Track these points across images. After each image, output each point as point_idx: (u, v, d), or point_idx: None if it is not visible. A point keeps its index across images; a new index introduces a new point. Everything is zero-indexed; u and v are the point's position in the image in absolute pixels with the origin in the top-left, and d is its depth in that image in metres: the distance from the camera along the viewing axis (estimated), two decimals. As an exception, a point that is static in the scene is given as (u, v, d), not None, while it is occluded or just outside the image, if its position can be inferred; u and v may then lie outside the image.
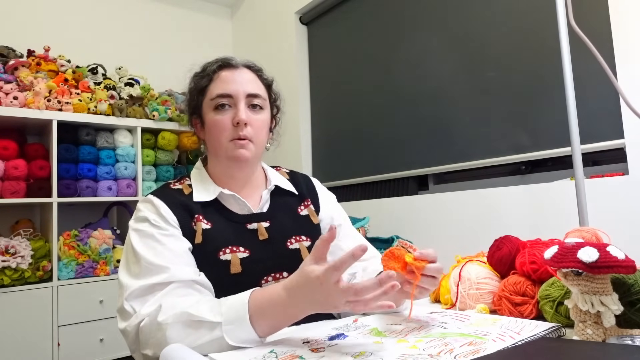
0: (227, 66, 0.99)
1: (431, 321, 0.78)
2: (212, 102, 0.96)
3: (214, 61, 1.00)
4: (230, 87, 0.96)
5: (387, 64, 2.49)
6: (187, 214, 0.92)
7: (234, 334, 0.71)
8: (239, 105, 0.95)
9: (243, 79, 0.98)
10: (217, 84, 0.97)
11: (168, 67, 3.25)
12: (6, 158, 2.34)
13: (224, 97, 0.95)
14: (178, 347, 0.70)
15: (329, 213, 1.09)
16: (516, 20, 1.90)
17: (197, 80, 1.00)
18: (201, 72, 1.00)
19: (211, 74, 0.98)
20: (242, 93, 0.96)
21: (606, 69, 1.23)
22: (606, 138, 1.61)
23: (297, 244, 0.99)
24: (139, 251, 0.85)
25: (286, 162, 2.97)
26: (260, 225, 0.97)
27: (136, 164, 2.71)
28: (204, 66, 1.01)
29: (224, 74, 0.98)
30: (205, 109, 0.98)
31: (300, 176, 1.13)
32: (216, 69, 0.98)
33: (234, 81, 0.97)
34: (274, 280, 0.94)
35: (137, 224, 0.90)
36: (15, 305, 2.21)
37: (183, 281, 0.82)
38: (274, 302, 0.72)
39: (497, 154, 1.96)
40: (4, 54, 2.55)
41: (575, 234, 0.88)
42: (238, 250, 0.92)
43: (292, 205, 1.05)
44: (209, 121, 0.97)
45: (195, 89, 1.00)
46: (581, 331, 0.63)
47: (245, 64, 1.01)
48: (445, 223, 2.06)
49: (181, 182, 1.00)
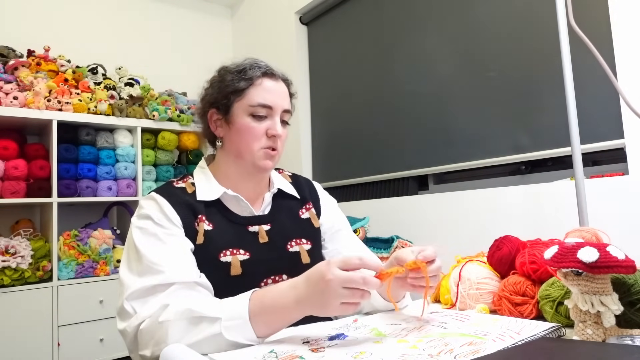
0: (270, 75, 0.99)
1: (431, 321, 0.78)
2: (251, 108, 0.95)
3: (254, 64, 0.98)
4: (272, 99, 0.96)
5: (387, 64, 2.49)
6: (190, 214, 0.92)
7: (232, 331, 0.71)
8: (275, 118, 0.97)
9: (282, 93, 0.99)
10: (259, 91, 0.96)
11: (168, 67, 3.25)
12: (6, 158, 2.34)
13: (264, 108, 0.96)
14: (178, 347, 0.70)
15: (330, 218, 1.10)
16: (516, 20, 1.90)
17: (234, 79, 0.97)
18: (240, 72, 0.97)
19: (253, 79, 0.96)
20: (280, 107, 0.98)
21: (606, 69, 1.23)
22: (606, 138, 1.61)
23: (298, 246, 1.00)
24: (141, 249, 0.85)
25: (286, 162, 2.97)
26: (261, 228, 0.98)
27: (136, 164, 2.71)
28: (242, 66, 0.98)
29: (268, 83, 0.97)
30: (237, 111, 0.96)
31: (303, 180, 1.14)
32: (260, 75, 0.97)
33: (275, 93, 0.97)
34: (273, 282, 0.95)
35: (140, 221, 0.90)
36: (15, 305, 2.20)
37: (185, 283, 0.82)
38: (274, 301, 0.73)
39: (497, 154, 1.96)
40: (4, 54, 2.55)
41: (575, 234, 0.88)
42: (238, 252, 0.93)
43: (293, 208, 1.06)
44: (242, 125, 0.96)
45: (229, 86, 0.97)
46: (581, 331, 0.63)
47: (282, 76, 1.02)
48: (445, 223, 2.06)
49: (184, 181, 1.00)
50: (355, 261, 0.70)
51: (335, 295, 0.69)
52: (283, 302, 0.73)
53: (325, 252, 1.07)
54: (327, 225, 1.08)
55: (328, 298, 0.69)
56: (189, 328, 0.73)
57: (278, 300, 0.73)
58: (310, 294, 0.71)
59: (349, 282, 0.68)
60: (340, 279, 0.68)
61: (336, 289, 0.68)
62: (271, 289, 0.77)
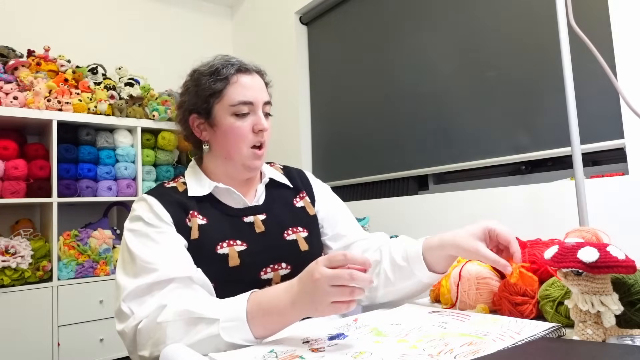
0: (245, 71, 0.97)
1: (431, 321, 0.78)
2: (233, 107, 0.94)
3: (226, 62, 0.96)
4: (251, 95, 0.95)
5: (387, 64, 2.49)
6: (180, 211, 0.93)
7: (230, 332, 0.71)
8: (258, 112, 0.96)
9: (259, 86, 0.98)
10: (238, 89, 0.95)
11: (168, 67, 3.25)
12: (6, 158, 2.34)
13: (245, 105, 0.95)
14: (178, 347, 0.70)
15: (325, 204, 1.10)
16: (516, 20, 1.90)
17: (210, 81, 0.95)
18: (214, 72, 0.95)
19: (228, 77, 0.95)
20: (261, 101, 0.97)
21: (606, 69, 1.23)
22: (606, 138, 1.61)
23: (294, 235, 1.00)
24: (134, 250, 0.85)
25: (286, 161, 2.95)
26: (257, 218, 0.98)
27: (136, 164, 2.71)
28: (215, 67, 0.96)
29: (244, 79, 0.96)
30: (219, 112, 0.95)
31: (294, 170, 1.14)
32: (234, 72, 0.95)
33: (253, 88, 0.96)
34: (272, 271, 0.95)
35: (131, 223, 0.91)
36: (15, 305, 2.20)
37: (180, 279, 0.83)
38: (271, 303, 0.73)
39: (497, 154, 1.96)
40: (4, 54, 2.55)
41: (575, 234, 0.87)
42: (235, 243, 0.93)
43: (287, 197, 1.06)
44: (227, 126, 0.95)
45: (205, 89, 0.95)
46: (581, 331, 0.63)
47: (256, 68, 1.01)
48: (445, 223, 2.06)
49: (175, 181, 1.01)
50: (339, 257, 0.69)
51: (324, 294, 0.68)
52: (280, 304, 0.72)
53: (325, 238, 1.07)
54: (324, 212, 1.08)
55: (317, 297, 0.68)
56: (187, 329, 0.73)
57: (275, 302, 0.73)
58: (302, 295, 0.71)
59: (335, 280, 0.67)
60: (326, 277, 0.67)
61: (324, 288, 0.67)
62: (269, 290, 0.77)
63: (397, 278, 0.92)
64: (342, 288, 0.67)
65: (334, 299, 0.68)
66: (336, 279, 0.67)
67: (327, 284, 0.67)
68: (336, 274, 0.67)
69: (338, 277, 0.67)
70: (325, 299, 0.68)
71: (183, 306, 0.75)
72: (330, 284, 0.67)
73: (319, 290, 0.68)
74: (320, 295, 0.68)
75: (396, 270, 0.92)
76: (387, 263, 0.94)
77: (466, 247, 0.82)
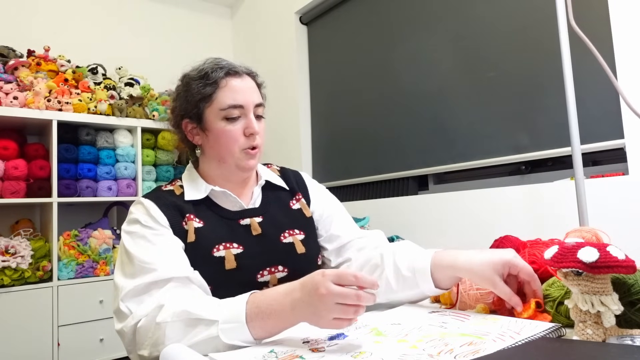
0: (234, 74, 0.96)
1: (431, 321, 0.78)
2: (223, 112, 0.93)
3: (215, 66, 0.95)
4: (241, 98, 0.94)
5: (387, 64, 2.49)
6: (177, 214, 0.93)
7: (229, 333, 0.71)
8: (250, 115, 0.95)
9: (250, 88, 0.97)
10: (227, 93, 0.94)
11: (168, 67, 3.24)
12: (6, 158, 2.34)
13: (236, 108, 0.94)
14: (177, 347, 0.70)
15: (320, 205, 1.09)
16: (516, 20, 1.90)
17: (199, 85, 0.94)
18: (203, 77, 0.95)
19: (218, 81, 0.94)
20: (252, 103, 0.96)
21: (606, 69, 1.23)
22: (606, 138, 1.61)
23: (291, 237, 1.00)
24: (132, 251, 0.86)
25: (286, 162, 2.96)
26: (253, 220, 0.98)
27: (136, 164, 2.71)
28: (204, 71, 0.95)
29: (233, 82, 0.95)
30: (210, 117, 0.95)
31: (291, 172, 1.14)
32: (223, 75, 0.95)
33: (243, 91, 0.95)
34: (269, 274, 0.95)
35: (128, 226, 0.91)
36: (15, 305, 2.20)
37: (178, 279, 0.83)
38: (270, 306, 0.72)
39: (497, 154, 1.96)
40: (4, 54, 2.55)
41: (575, 234, 0.87)
42: (232, 246, 0.93)
43: (284, 199, 1.06)
44: (218, 131, 0.94)
45: (195, 94, 0.95)
46: (581, 331, 0.63)
47: (247, 70, 1.00)
48: (445, 223, 2.06)
49: (172, 184, 1.01)
50: (350, 278, 0.68)
51: (328, 310, 0.67)
52: (279, 308, 0.72)
53: (321, 239, 1.07)
54: (319, 213, 1.08)
55: (320, 311, 0.68)
56: (186, 330, 0.73)
57: (275, 305, 0.72)
58: (304, 303, 0.70)
59: (342, 298, 0.66)
60: (333, 294, 0.66)
61: (329, 304, 0.67)
62: (269, 292, 0.76)
63: (400, 287, 0.90)
64: (347, 307, 0.67)
65: (337, 316, 0.67)
66: (343, 298, 0.66)
67: (333, 301, 0.67)
68: (344, 293, 0.67)
69: (345, 296, 0.66)
70: (328, 315, 0.68)
71: (182, 307, 0.75)
72: (336, 301, 0.67)
73: (324, 305, 0.67)
74: (324, 310, 0.67)
75: (400, 280, 0.90)
76: (391, 271, 0.91)
77: (482, 277, 0.79)
